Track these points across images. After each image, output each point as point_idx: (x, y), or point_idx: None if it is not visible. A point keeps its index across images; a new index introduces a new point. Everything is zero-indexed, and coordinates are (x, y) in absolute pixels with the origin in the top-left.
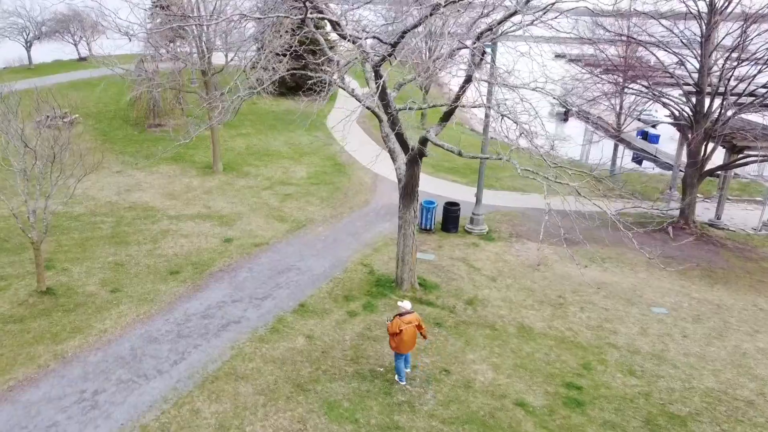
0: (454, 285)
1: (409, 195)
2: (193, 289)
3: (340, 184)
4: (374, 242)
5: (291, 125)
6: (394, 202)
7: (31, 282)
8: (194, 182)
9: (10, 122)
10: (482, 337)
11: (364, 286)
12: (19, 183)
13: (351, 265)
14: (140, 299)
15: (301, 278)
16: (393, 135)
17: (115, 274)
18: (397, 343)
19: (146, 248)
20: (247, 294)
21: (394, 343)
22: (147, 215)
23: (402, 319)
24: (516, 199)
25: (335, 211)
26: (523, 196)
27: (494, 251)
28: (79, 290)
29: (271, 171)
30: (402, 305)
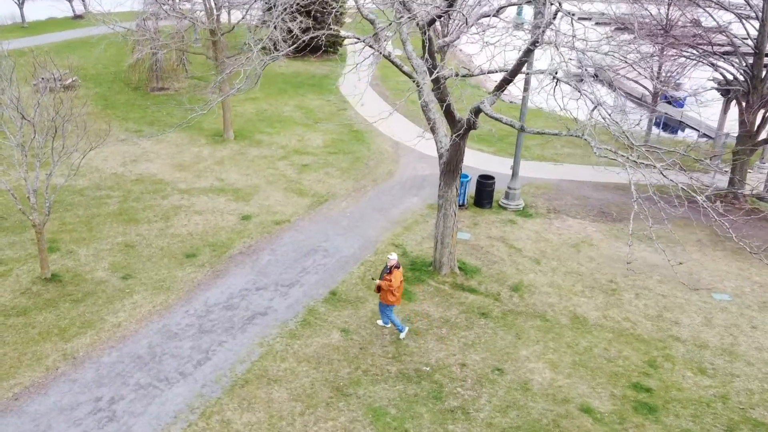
0: (495, 269)
1: (452, 172)
2: (213, 275)
3: (360, 153)
4: (403, 219)
5: (301, 88)
6: (420, 174)
7: (34, 267)
8: (204, 152)
9: (4, 90)
10: (533, 329)
11: None
12: (16, 159)
13: (382, 246)
14: (155, 287)
15: (329, 261)
16: (432, 104)
17: (125, 257)
18: (398, 295)
19: (158, 227)
20: (272, 280)
21: (394, 297)
22: (156, 189)
23: (399, 271)
24: (549, 170)
25: (358, 183)
26: (556, 167)
27: (533, 229)
28: (87, 276)
29: (285, 139)
30: (391, 257)
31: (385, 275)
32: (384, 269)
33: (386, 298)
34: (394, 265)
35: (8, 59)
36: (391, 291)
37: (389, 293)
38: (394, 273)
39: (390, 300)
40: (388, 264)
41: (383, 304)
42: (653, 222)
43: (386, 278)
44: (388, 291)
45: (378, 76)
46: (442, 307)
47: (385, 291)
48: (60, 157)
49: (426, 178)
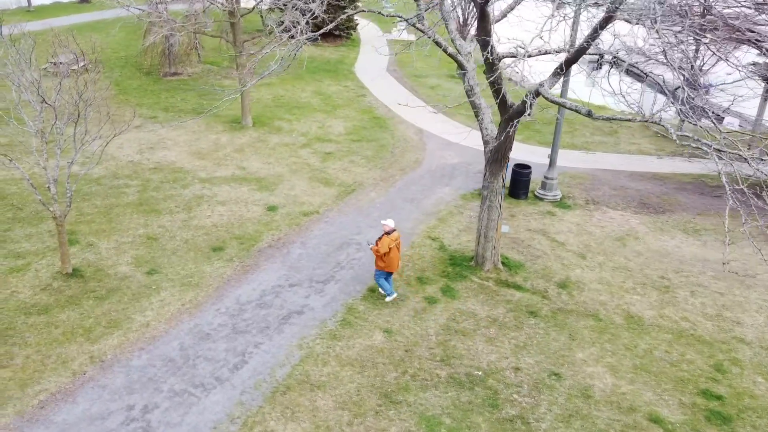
0: (540, 264)
1: (499, 161)
2: (242, 270)
3: (384, 140)
4: (437, 210)
5: (317, 74)
6: (449, 163)
7: (53, 261)
8: (223, 139)
9: (24, 72)
10: (587, 329)
11: (438, 265)
12: (34, 146)
13: (417, 239)
14: (183, 283)
15: (364, 255)
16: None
17: (148, 250)
18: (387, 262)
19: (180, 218)
20: (306, 276)
21: (383, 263)
22: (176, 178)
23: (390, 237)
24: (581, 159)
25: (385, 172)
26: (588, 156)
27: (574, 221)
28: (110, 271)
29: (305, 126)
30: (386, 223)
31: (377, 240)
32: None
33: (377, 263)
34: (386, 231)
35: (28, 38)
36: (380, 257)
37: (378, 258)
38: (382, 239)
39: (380, 266)
40: (384, 230)
41: (377, 271)
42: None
43: (377, 242)
44: (378, 256)
45: (394, 62)
46: (487, 305)
47: (376, 256)
48: (82, 144)
49: (455, 167)
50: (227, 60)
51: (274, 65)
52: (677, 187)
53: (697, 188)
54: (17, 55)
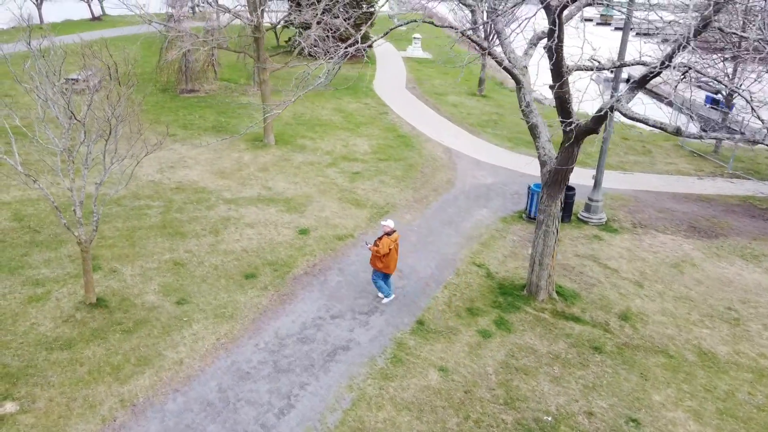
0: (596, 293)
1: (559, 183)
2: (279, 300)
3: (412, 160)
4: (478, 234)
5: (336, 91)
6: (482, 183)
7: (75, 288)
8: (245, 157)
9: (54, 85)
10: (659, 367)
11: (487, 294)
12: (59, 165)
13: (462, 265)
14: (216, 314)
15: (407, 284)
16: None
17: (176, 277)
18: (386, 263)
19: (207, 242)
20: (347, 306)
21: (382, 263)
22: (199, 198)
23: (390, 238)
24: (619, 179)
25: (417, 193)
26: (626, 176)
27: (624, 246)
28: (137, 301)
29: (329, 144)
30: (386, 224)
31: (376, 240)
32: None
33: (374, 264)
34: (386, 232)
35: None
36: (379, 258)
37: (377, 259)
38: (382, 240)
39: (378, 266)
40: (383, 230)
41: (375, 272)
42: None
43: (376, 242)
44: (376, 257)
45: (412, 79)
46: (546, 339)
47: (374, 257)
48: (112, 163)
49: (490, 188)
50: (244, 77)
51: (321, 78)
52: (725, 209)
53: (746, 211)
54: (46, 67)
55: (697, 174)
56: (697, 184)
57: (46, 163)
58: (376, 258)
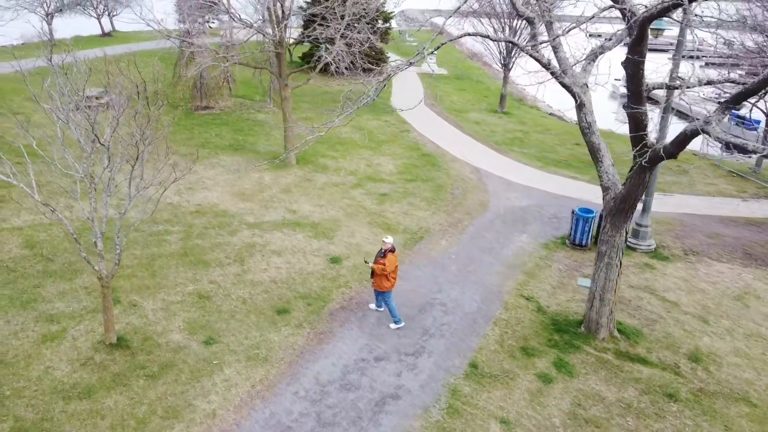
0: (659, 330)
1: (625, 211)
2: (316, 339)
3: (440, 180)
4: (521, 263)
5: None
6: (517, 206)
7: (92, 326)
8: (266, 178)
9: (78, 107)
10: (744, 418)
11: (541, 331)
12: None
13: (509, 298)
14: (249, 357)
15: (453, 320)
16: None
17: (202, 312)
18: (393, 281)
19: (232, 271)
20: (391, 347)
21: (389, 282)
22: (221, 223)
23: (394, 255)
24: (660, 201)
25: (451, 217)
26: (667, 198)
27: (679, 276)
28: (161, 340)
29: (352, 164)
30: (388, 241)
31: (379, 258)
32: (378, 252)
33: (381, 284)
34: (389, 248)
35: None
36: (386, 276)
37: (384, 278)
38: (388, 257)
39: (385, 286)
40: (383, 247)
41: (378, 292)
42: None
43: (379, 262)
44: (383, 276)
45: (431, 95)
46: (613, 385)
47: (379, 276)
48: (138, 191)
49: (526, 211)
50: (259, 93)
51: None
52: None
53: None
54: (69, 85)
55: (741, 196)
56: (743, 207)
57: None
58: (383, 277)
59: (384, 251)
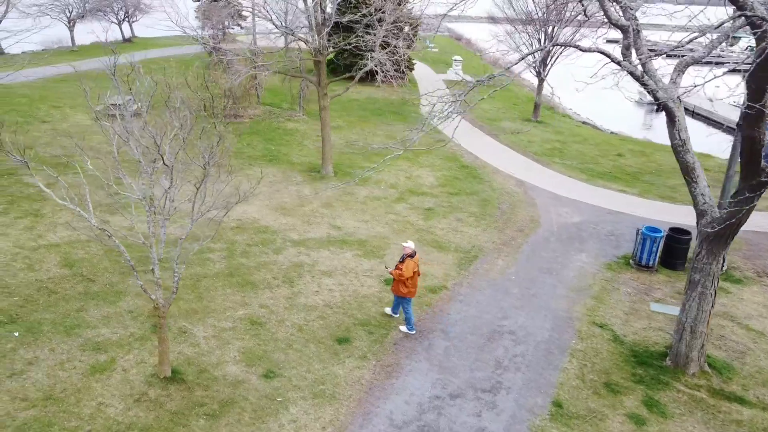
0: (750, 363)
1: (726, 238)
2: (383, 373)
3: (485, 194)
4: (586, 286)
5: (383, 116)
6: (569, 222)
7: (142, 355)
8: (305, 190)
9: (145, 123)
10: None
11: (622, 364)
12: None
13: (581, 326)
14: (315, 393)
15: (525, 350)
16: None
17: (257, 341)
18: (410, 287)
19: (283, 294)
20: (465, 381)
21: (407, 288)
22: (264, 240)
23: (413, 260)
24: None
25: (503, 234)
26: None
27: (757, 301)
28: (217, 373)
29: (391, 176)
30: (408, 245)
31: (398, 264)
32: (401, 257)
33: (398, 290)
34: (408, 254)
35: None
36: (403, 282)
37: (401, 284)
38: (405, 263)
39: (402, 292)
40: (403, 252)
41: (396, 297)
42: None
43: (399, 267)
44: (400, 282)
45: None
46: (713, 428)
47: (397, 282)
48: (201, 213)
49: (580, 228)
50: (287, 101)
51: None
52: None
53: None
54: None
55: None
56: None
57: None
58: (400, 283)
59: (404, 257)
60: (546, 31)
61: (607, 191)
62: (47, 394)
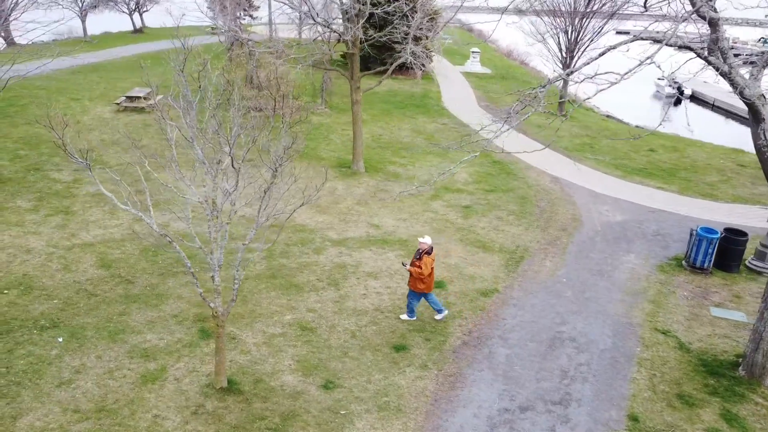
0: None
1: None
2: (446, 383)
3: (521, 191)
4: (640, 289)
5: (406, 109)
6: (612, 220)
7: (192, 363)
8: (338, 188)
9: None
10: None
11: (692, 374)
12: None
13: (644, 332)
14: (379, 406)
15: (590, 359)
16: None
17: (310, 348)
18: (428, 283)
19: (329, 297)
20: (533, 392)
21: (424, 284)
22: (302, 239)
23: (430, 257)
24: (760, 216)
25: (546, 234)
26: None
27: None
28: (273, 383)
29: (423, 171)
30: (424, 241)
31: (415, 261)
32: (416, 253)
33: (415, 286)
34: (425, 250)
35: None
36: (421, 279)
37: (418, 281)
38: (424, 260)
39: (420, 288)
40: (419, 248)
41: (412, 292)
42: None
43: (416, 264)
44: (418, 278)
45: (482, 97)
46: None
47: (415, 278)
48: (267, 219)
49: (624, 227)
50: (308, 93)
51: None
52: None
53: None
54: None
55: None
56: None
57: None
58: (417, 279)
59: (420, 252)
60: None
61: (644, 188)
62: (99, 406)
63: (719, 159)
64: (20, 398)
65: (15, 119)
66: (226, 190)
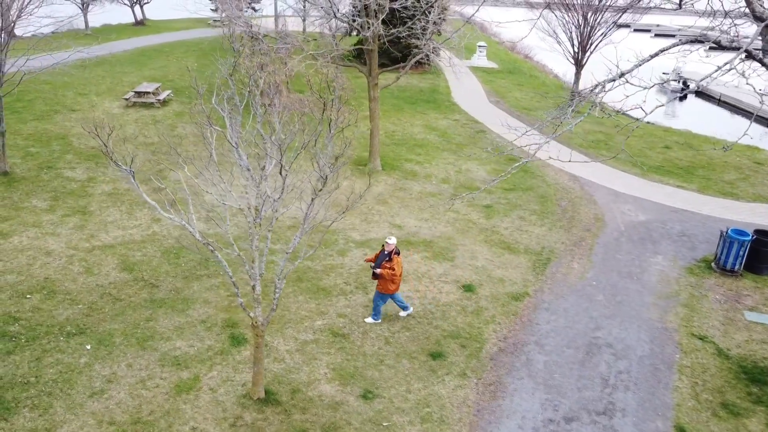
0: None
1: None
2: (487, 393)
3: (541, 190)
4: (672, 292)
5: (417, 105)
6: (636, 220)
7: (226, 372)
8: (356, 186)
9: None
10: None
11: (734, 382)
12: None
13: (681, 338)
14: (422, 417)
15: (629, 366)
16: None
17: (344, 355)
18: (398, 283)
19: (359, 302)
20: (576, 402)
21: (394, 285)
22: (325, 240)
23: (399, 258)
24: None
25: (571, 234)
26: None
27: None
28: (311, 393)
29: (440, 169)
30: (392, 242)
31: (385, 263)
32: (381, 254)
33: (386, 287)
34: (394, 251)
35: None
36: (392, 279)
37: (389, 282)
38: (395, 260)
39: (390, 289)
40: (385, 249)
41: (380, 293)
42: None
43: (386, 266)
44: (389, 281)
45: (491, 92)
46: None
47: (386, 280)
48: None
49: (649, 227)
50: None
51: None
52: None
53: None
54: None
55: None
56: None
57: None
58: (388, 282)
59: (389, 253)
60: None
61: (665, 187)
62: (135, 417)
63: (735, 156)
64: (53, 410)
65: (23, 115)
66: (269, 196)
